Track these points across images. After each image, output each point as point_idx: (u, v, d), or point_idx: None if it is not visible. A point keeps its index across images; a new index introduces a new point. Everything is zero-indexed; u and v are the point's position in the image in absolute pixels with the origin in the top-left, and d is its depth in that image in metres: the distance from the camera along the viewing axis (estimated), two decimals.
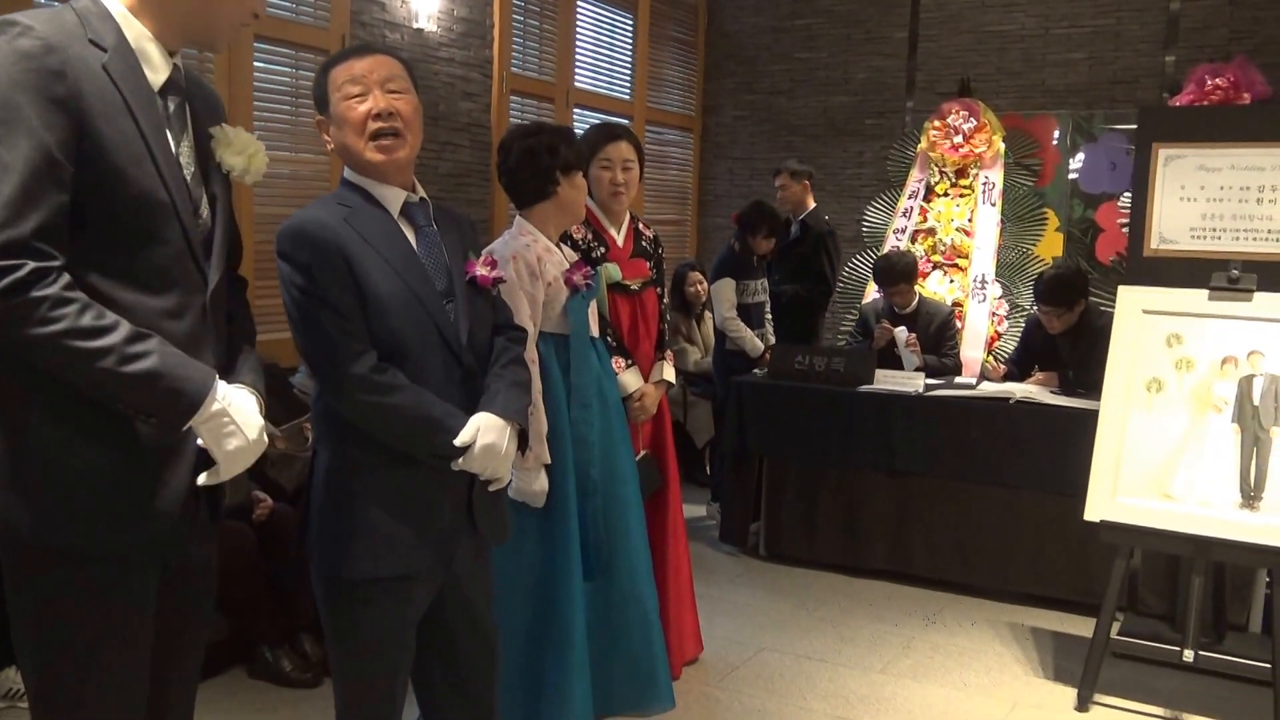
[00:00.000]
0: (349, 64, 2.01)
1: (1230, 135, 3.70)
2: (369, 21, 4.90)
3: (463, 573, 2.10)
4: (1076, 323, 4.59)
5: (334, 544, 1.99)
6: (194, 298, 1.65)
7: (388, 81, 2.00)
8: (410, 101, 2.03)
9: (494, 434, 2.00)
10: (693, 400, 5.98)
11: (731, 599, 4.41)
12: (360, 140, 1.99)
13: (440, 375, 2.01)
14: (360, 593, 1.99)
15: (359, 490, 1.98)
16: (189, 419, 1.59)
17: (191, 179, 1.66)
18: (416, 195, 2.08)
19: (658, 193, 7.34)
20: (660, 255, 3.56)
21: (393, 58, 2.05)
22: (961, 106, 5.95)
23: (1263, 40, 5.98)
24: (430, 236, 2.07)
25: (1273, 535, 3.20)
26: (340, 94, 2.00)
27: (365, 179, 2.04)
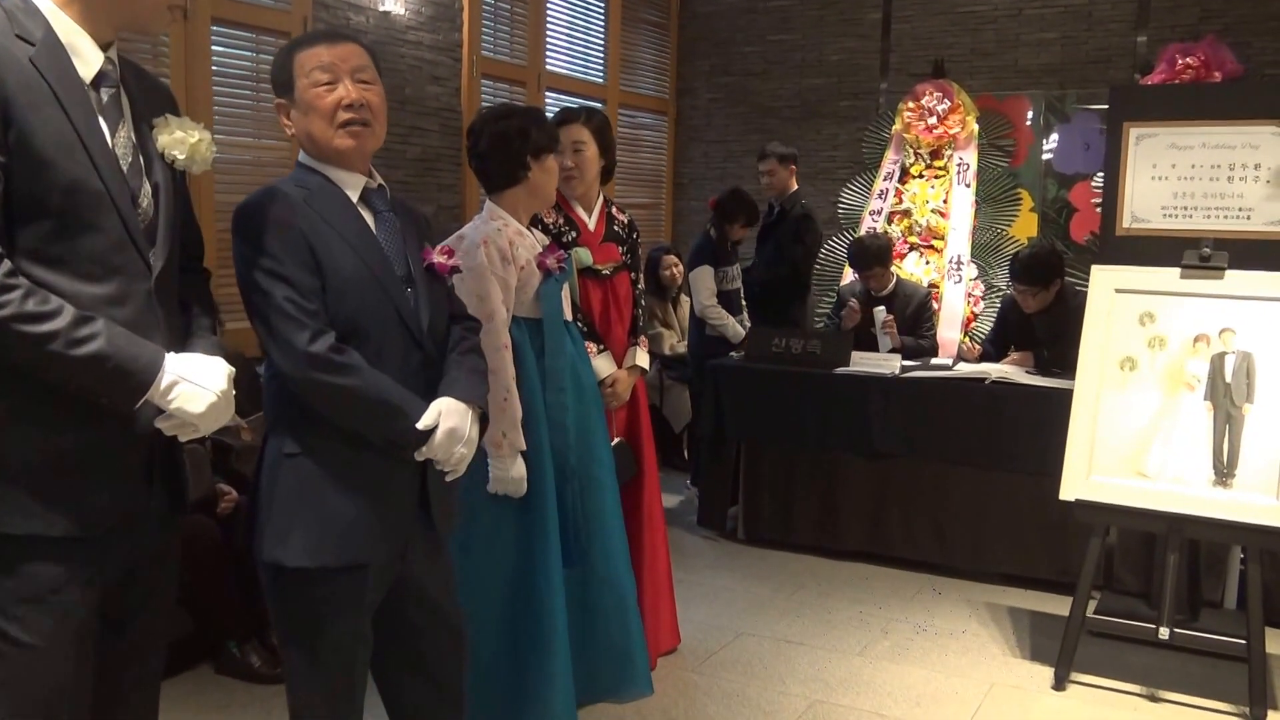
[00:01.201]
0: (317, 50, 1.98)
1: (1201, 114, 3.70)
2: (332, 4, 4.82)
3: (418, 562, 2.07)
4: (1052, 302, 4.58)
5: (280, 530, 1.94)
6: (137, 285, 1.63)
7: (358, 72, 1.98)
8: (379, 93, 2.01)
9: (456, 418, 1.97)
10: (669, 384, 5.95)
11: (710, 583, 4.39)
12: (329, 128, 1.96)
13: (400, 360, 1.98)
14: (311, 585, 1.94)
15: (308, 475, 1.93)
16: (141, 396, 1.59)
17: (129, 169, 1.65)
18: (375, 181, 2.06)
19: (632, 176, 7.29)
20: (635, 240, 3.53)
21: (361, 46, 2.02)
22: (935, 88, 5.94)
23: (1233, 20, 5.98)
24: (389, 222, 2.05)
25: (1245, 512, 3.21)
26: (308, 80, 1.96)
27: (324, 164, 2.01)
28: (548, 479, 2.83)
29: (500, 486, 2.72)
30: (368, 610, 2.02)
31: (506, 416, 2.68)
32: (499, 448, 2.68)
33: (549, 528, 2.84)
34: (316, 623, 1.96)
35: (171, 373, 1.61)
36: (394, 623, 2.08)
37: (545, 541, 2.83)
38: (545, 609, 2.83)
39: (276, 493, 1.95)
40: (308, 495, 1.93)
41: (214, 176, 4.32)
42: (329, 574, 1.94)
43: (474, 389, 2.05)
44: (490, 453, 2.68)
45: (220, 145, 4.37)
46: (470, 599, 2.63)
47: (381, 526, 1.97)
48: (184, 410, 1.63)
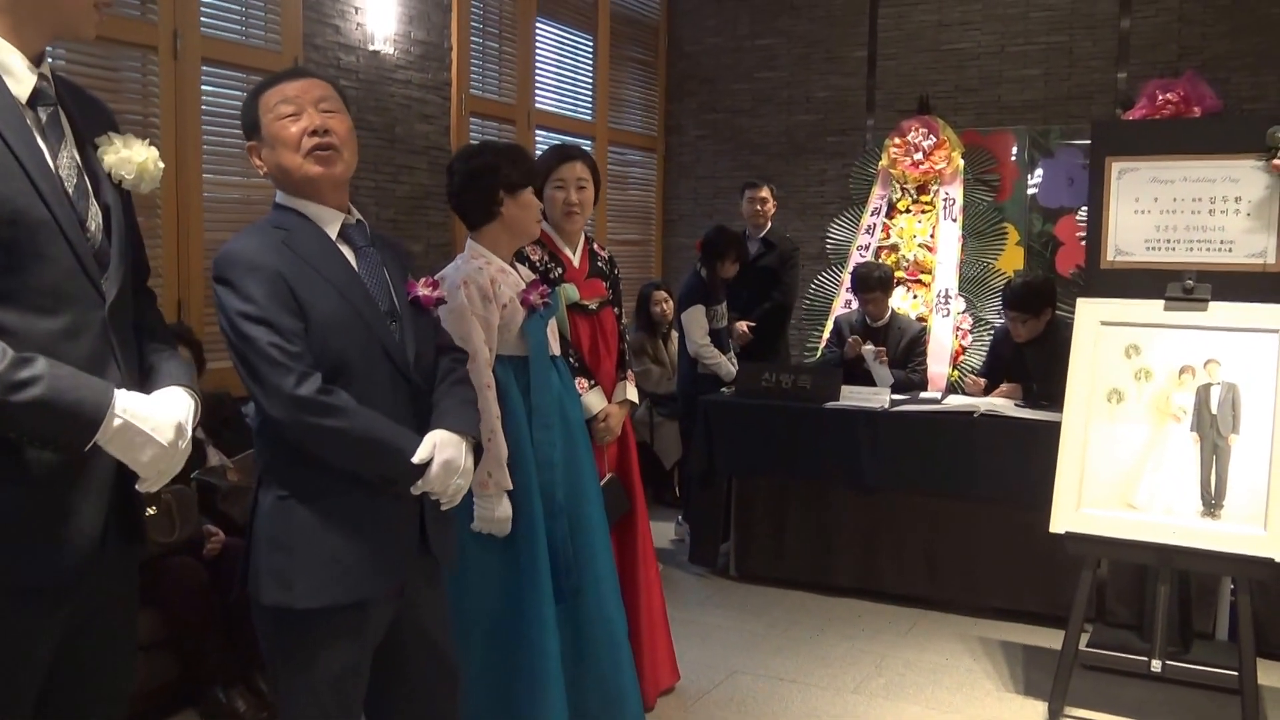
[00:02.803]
0: (280, 87, 2.00)
1: (1182, 148, 3.74)
2: (323, 44, 4.86)
3: (417, 597, 2.06)
4: (1044, 333, 4.62)
5: (282, 573, 1.92)
6: (92, 315, 1.58)
7: (321, 101, 1.99)
8: (344, 121, 2.02)
9: (451, 449, 1.97)
10: (659, 421, 5.95)
11: (703, 621, 4.37)
12: (296, 156, 1.96)
13: (388, 395, 1.98)
14: (313, 624, 1.93)
15: (306, 516, 1.92)
16: (90, 439, 1.51)
17: (75, 191, 1.59)
18: (354, 217, 2.07)
19: (621, 213, 7.33)
20: (616, 276, 3.55)
21: (322, 80, 2.05)
22: (921, 124, 6.00)
23: (1211, 56, 6.07)
24: (370, 257, 2.05)
25: (1234, 543, 3.21)
26: (273, 114, 1.98)
27: (300, 200, 2.01)
28: (536, 517, 2.81)
29: (485, 526, 2.70)
30: (368, 647, 2.01)
31: (491, 456, 2.67)
32: (484, 487, 2.66)
33: (539, 566, 2.81)
34: (316, 661, 1.95)
35: (120, 414, 1.53)
36: (390, 657, 2.07)
37: (536, 580, 2.80)
38: (537, 649, 2.80)
39: (273, 535, 1.94)
40: (305, 536, 1.92)
41: (203, 216, 4.34)
42: (331, 613, 1.93)
43: (466, 419, 2.05)
44: (475, 492, 2.66)
45: (209, 185, 4.40)
46: (463, 638, 2.62)
47: (382, 563, 1.96)
48: (130, 453, 1.55)
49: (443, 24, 5.57)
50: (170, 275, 4.22)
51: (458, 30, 5.64)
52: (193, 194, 4.31)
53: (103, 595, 1.66)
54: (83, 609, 1.63)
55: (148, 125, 4.11)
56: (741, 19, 7.42)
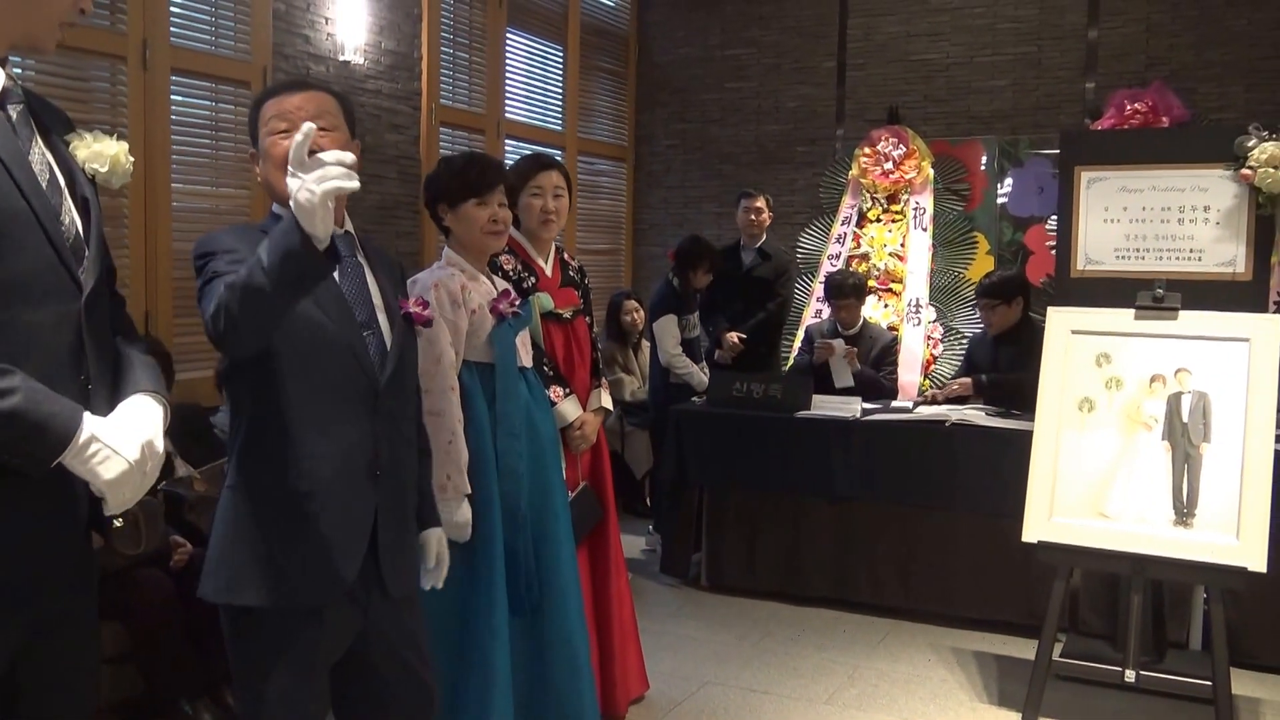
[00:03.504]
0: (279, 99, 1.98)
1: (1150, 157, 3.76)
2: (292, 54, 4.82)
3: (384, 617, 2.02)
4: (1018, 333, 4.65)
5: (219, 568, 1.91)
6: (69, 307, 1.57)
7: (316, 118, 1.94)
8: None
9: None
10: (630, 430, 5.92)
11: (674, 632, 4.34)
12: (283, 177, 1.90)
13: (350, 402, 1.95)
14: (260, 626, 1.90)
15: (249, 512, 1.90)
16: (58, 455, 1.49)
17: (48, 185, 1.59)
18: (342, 229, 2.03)
19: (591, 223, 7.31)
20: (587, 285, 3.54)
21: (326, 93, 2.01)
22: (891, 134, 6.02)
23: (1178, 66, 6.12)
24: (353, 267, 2.02)
25: (1207, 552, 3.21)
26: (267, 129, 1.96)
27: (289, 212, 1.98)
28: (495, 526, 2.79)
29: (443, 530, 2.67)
30: (320, 664, 1.96)
31: (451, 459, 2.65)
32: (444, 491, 2.63)
33: (495, 576, 2.79)
34: (264, 668, 1.92)
35: (88, 431, 1.51)
36: (359, 677, 2.03)
37: (490, 590, 2.78)
38: (487, 658, 2.78)
39: (230, 533, 1.93)
40: (247, 533, 1.90)
41: (171, 225, 4.28)
42: (278, 619, 1.90)
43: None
44: (435, 496, 2.64)
45: (178, 194, 4.35)
46: None
47: (319, 571, 1.92)
48: (94, 475, 1.52)
49: (413, 34, 5.54)
50: (138, 285, 4.16)
51: (428, 40, 5.61)
52: (161, 204, 4.25)
53: (53, 614, 1.62)
54: (40, 619, 1.59)
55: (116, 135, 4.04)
56: (711, 29, 7.43)
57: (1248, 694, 3.71)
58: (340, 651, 1.99)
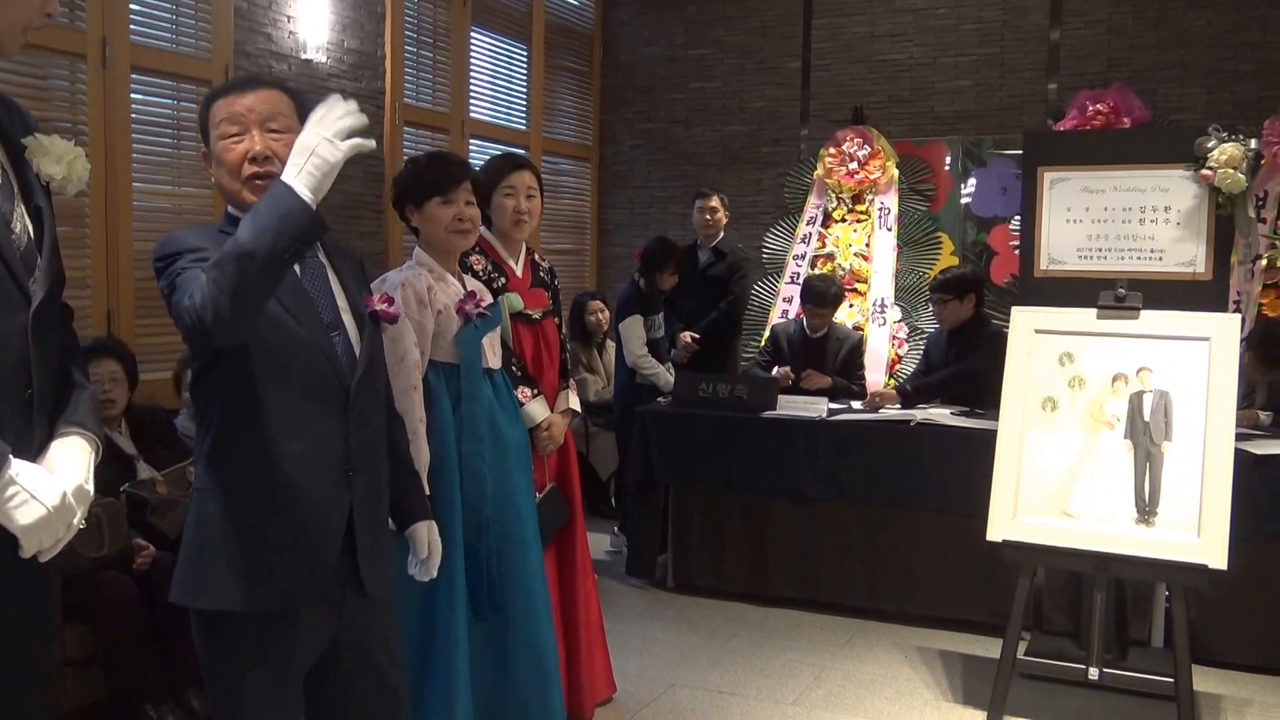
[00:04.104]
0: (229, 99, 1.92)
1: (1112, 158, 3.79)
2: (254, 52, 4.76)
3: (357, 620, 2.00)
4: (969, 326, 4.68)
5: (180, 568, 1.88)
6: (15, 318, 1.52)
7: (269, 121, 1.91)
8: (290, 142, 1.88)
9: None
10: (595, 431, 5.90)
11: (640, 633, 4.33)
12: (236, 182, 1.90)
13: (320, 402, 1.92)
14: (234, 631, 1.87)
15: (219, 514, 1.87)
16: None
17: (0, 190, 1.55)
18: None
19: (556, 223, 7.28)
20: (556, 286, 3.53)
21: (279, 92, 1.96)
22: (855, 134, 6.03)
23: (1139, 68, 6.18)
24: (316, 268, 1.99)
25: (1169, 550, 3.24)
26: (218, 132, 1.91)
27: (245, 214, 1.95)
28: (456, 529, 2.77)
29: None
30: (297, 668, 1.94)
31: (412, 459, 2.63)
32: None
33: (455, 578, 2.77)
34: (239, 674, 1.88)
35: (9, 475, 1.48)
36: (329, 680, 2.00)
37: (451, 593, 2.77)
38: (447, 661, 2.76)
39: (201, 536, 1.89)
40: (217, 536, 1.86)
41: (132, 225, 4.22)
42: (251, 621, 1.87)
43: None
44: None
45: (139, 194, 4.29)
46: None
47: (311, 573, 1.89)
48: (9, 519, 1.49)
49: (376, 33, 5.49)
50: (99, 286, 4.09)
51: (391, 39, 5.56)
52: (122, 203, 4.18)
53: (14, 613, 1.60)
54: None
55: (76, 133, 3.99)
56: (676, 29, 7.42)
57: (1210, 690, 3.75)
58: (315, 655, 1.97)
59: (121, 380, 3.59)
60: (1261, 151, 4.72)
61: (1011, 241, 6.02)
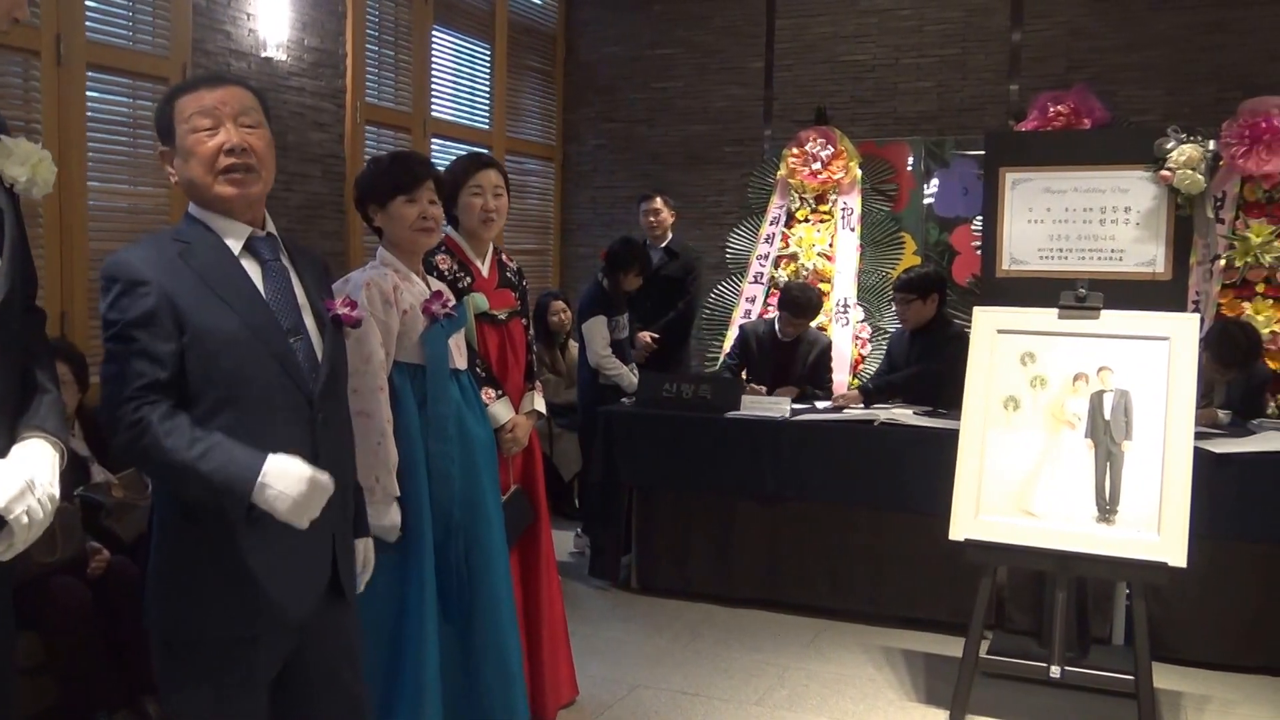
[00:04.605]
0: (199, 94, 1.89)
1: (1073, 159, 3.82)
2: (213, 50, 4.69)
3: (322, 629, 1.97)
4: (932, 326, 4.70)
5: (170, 601, 1.83)
6: None
7: (241, 115, 1.90)
8: (264, 137, 1.93)
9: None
10: (558, 432, 5.87)
11: (604, 635, 4.31)
12: (209, 175, 1.87)
13: (287, 416, 1.89)
14: (206, 656, 1.83)
15: (194, 539, 1.83)
16: None
17: None
18: (264, 230, 1.97)
19: (519, 222, 7.24)
20: (524, 288, 3.50)
21: (245, 89, 1.94)
22: (818, 134, 6.05)
23: (1099, 69, 6.24)
24: (277, 272, 1.96)
25: (1129, 548, 3.27)
26: (188, 126, 1.88)
27: (209, 213, 1.92)
28: (425, 529, 2.75)
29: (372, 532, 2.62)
30: (262, 683, 1.91)
31: (379, 460, 2.61)
32: (371, 493, 2.58)
33: (425, 579, 2.75)
34: (205, 696, 1.85)
35: None
36: (291, 691, 1.97)
37: (421, 595, 2.74)
38: (418, 664, 2.73)
39: (164, 560, 1.85)
40: (197, 562, 1.83)
41: (87, 226, 4.15)
42: (221, 645, 1.83)
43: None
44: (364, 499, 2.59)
45: (95, 194, 4.21)
46: None
47: (278, 593, 1.86)
48: None
49: (337, 31, 5.43)
50: (53, 287, 4.01)
51: (352, 37, 5.50)
52: (77, 203, 4.11)
53: None
54: None
55: (30, 132, 3.91)
56: (640, 29, 7.41)
57: (1170, 688, 3.78)
58: (278, 667, 1.94)
59: (70, 383, 3.52)
60: (1220, 153, 4.78)
61: (973, 242, 6.06)
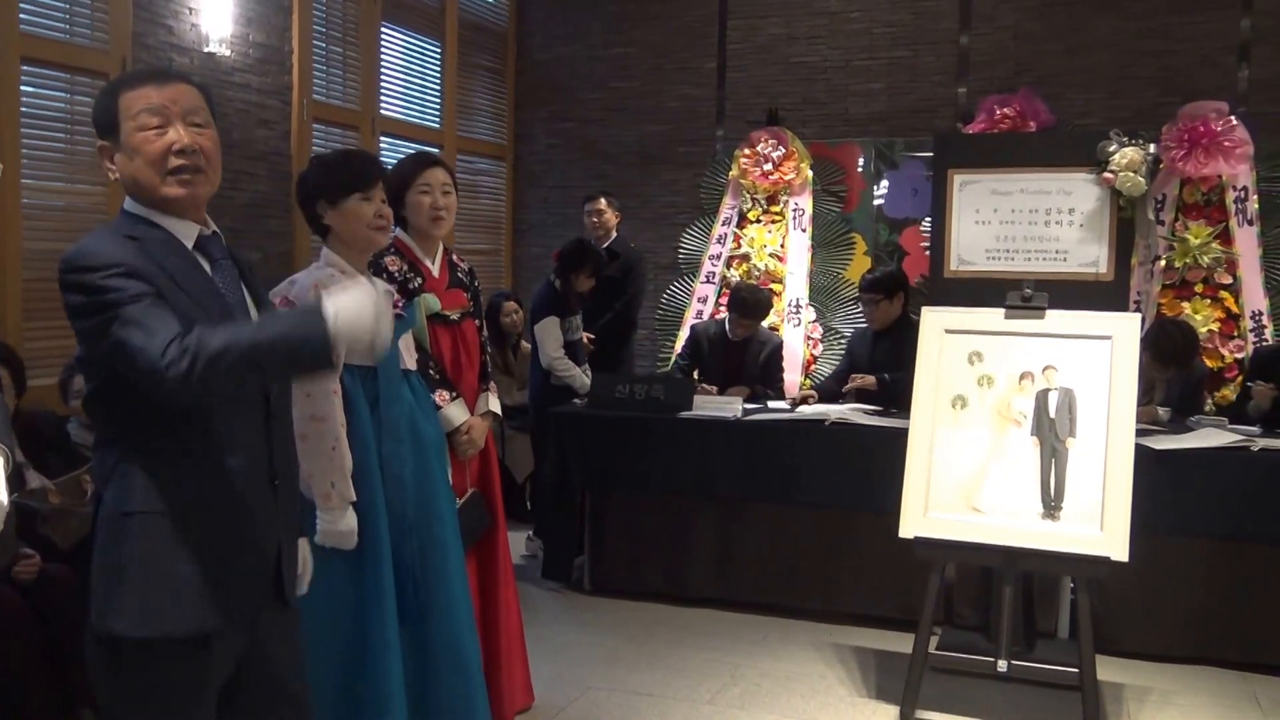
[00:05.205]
0: (145, 91, 1.85)
1: (1018, 161, 3.87)
2: (154, 44, 4.61)
3: (266, 633, 1.94)
4: (896, 325, 4.74)
5: (112, 598, 1.78)
6: None
7: (190, 114, 1.86)
8: (213, 137, 1.90)
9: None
10: (511, 434, 5.84)
11: (557, 638, 4.29)
12: (157, 175, 1.83)
13: (245, 410, 1.87)
14: (151, 658, 1.79)
15: (143, 535, 1.78)
16: None
17: None
18: (209, 229, 1.94)
19: (470, 222, 7.20)
20: (477, 288, 3.47)
21: (193, 87, 1.90)
22: (770, 135, 6.07)
23: (1044, 73, 6.32)
24: (227, 270, 1.93)
25: (1073, 543, 3.31)
26: (135, 123, 1.83)
27: (153, 212, 1.87)
28: (381, 533, 2.71)
29: (329, 540, 2.58)
30: (211, 687, 1.86)
31: (335, 465, 2.57)
32: (328, 499, 2.56)
33: (384, 584, 2.71)
34: (151, 704, 1.80)
35: None
36: (235, 698, 1.93)
37: (380, 599, 2.71)
38: (381, 669, 2.70)
39: (107, 558, 1.80)
40: (141, 559, 1.78)
41: (22, 224, 4.05)
42: (172, 646, 1.78)
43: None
44: (318, 504, 2.56)
45: (29, 191, 4.12)
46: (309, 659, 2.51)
47: (226, 592, 1.83)
48: None
49: (283, 26, 5.36)
50: None
51: (299, 33, 5.44)
52: (10, 201, 4.02)
53: None
54: None
55: None
56: (592, 28, 7.39)
57: (1112, 679, 3.84)
58: (228, 673, 1.90)
59: (8, 386, 3.45)
60: (1160, 156, 4.87)
61: (923, 243, 6.11)
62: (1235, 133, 5.03)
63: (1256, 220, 5.07)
